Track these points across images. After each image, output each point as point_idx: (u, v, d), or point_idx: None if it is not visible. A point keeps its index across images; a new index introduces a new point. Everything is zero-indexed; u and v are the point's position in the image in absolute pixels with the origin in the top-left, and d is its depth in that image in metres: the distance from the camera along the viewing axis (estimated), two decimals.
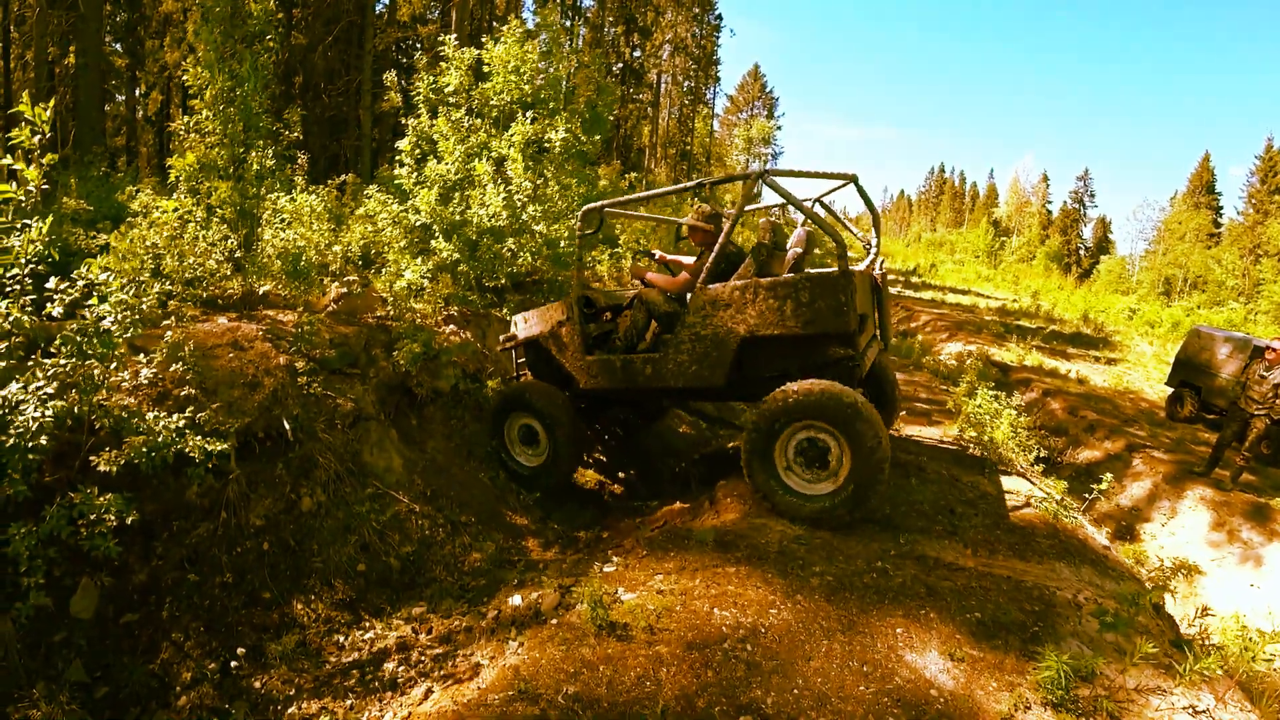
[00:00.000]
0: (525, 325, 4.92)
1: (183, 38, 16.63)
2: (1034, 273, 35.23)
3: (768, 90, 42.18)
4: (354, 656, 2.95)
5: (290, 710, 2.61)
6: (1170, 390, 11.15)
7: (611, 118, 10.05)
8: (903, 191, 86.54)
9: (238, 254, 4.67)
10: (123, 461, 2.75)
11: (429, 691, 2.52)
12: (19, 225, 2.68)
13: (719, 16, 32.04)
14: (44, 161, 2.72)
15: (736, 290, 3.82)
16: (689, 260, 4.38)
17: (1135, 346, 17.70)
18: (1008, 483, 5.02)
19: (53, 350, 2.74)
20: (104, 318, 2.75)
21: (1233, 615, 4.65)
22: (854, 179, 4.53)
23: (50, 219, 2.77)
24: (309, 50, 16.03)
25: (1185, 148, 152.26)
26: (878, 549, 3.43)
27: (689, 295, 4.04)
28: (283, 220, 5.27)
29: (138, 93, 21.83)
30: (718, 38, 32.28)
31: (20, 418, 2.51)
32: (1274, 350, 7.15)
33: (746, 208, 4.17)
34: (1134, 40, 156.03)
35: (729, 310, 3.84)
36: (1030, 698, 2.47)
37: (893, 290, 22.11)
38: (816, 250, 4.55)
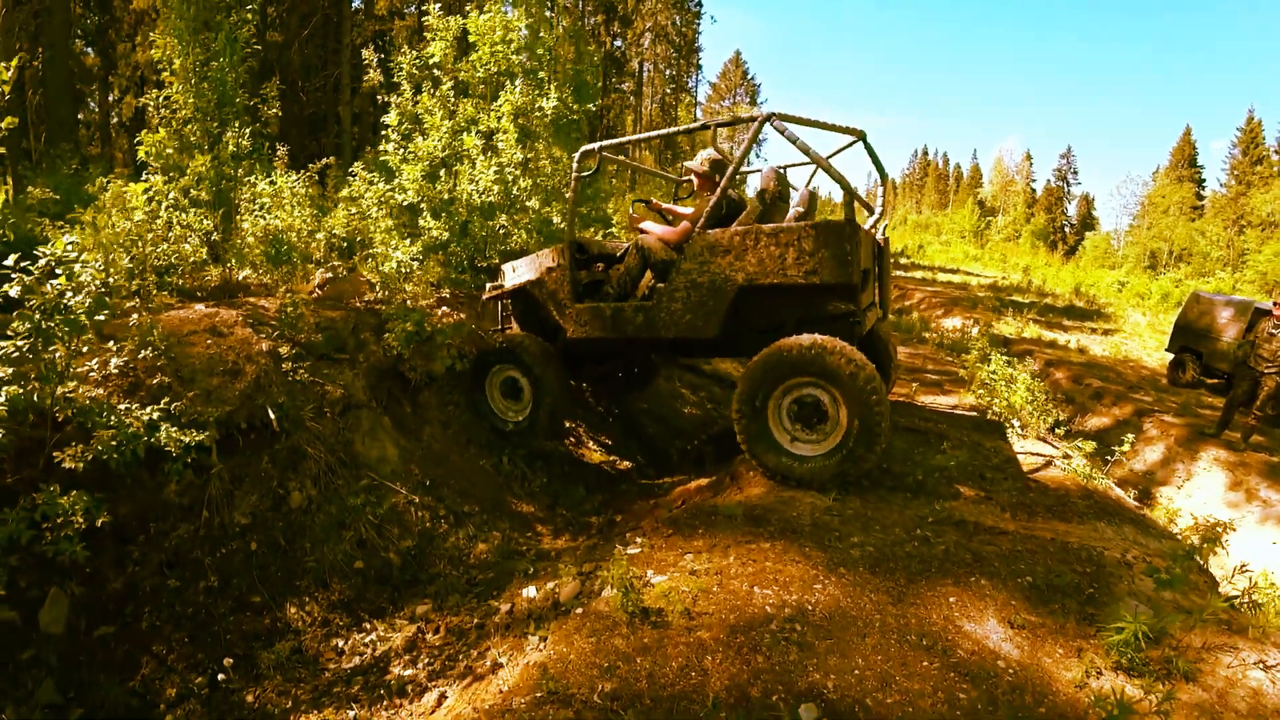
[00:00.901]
0: (514, 274, 4.69)
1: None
2: (1020, 251, 35.35)
3: (749, 77, 41.94)
4: (356, 662, 2.70)
5: None
6: (1171, 356, 11.08)
7: (598, 85, 9.73)
8: (886, 175, 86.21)
9: (214, 237, 4.35)
10: (90, 457, 2.48)
11: (443, 696, 2.27)
12: None
13: (699, 3, 31.66)
14: (2, 125, 2.45)
15: (737, 236, 3.59)
16: (687, 211, 4.15)
17: (1128, 317, 17.74)
18: (1029, 447, 4.89)
19: (9, 333, 2.45)
20: (65, 292, 2.46)
21: (1261, 573, 4.53)
22: (862, 135, 4.39)
23: (8, 189, 2.49)
24: (284, 47, 15.57)
25: (1166, 123, 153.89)
26: (914, 516, 3.23)
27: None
28: (262, 206, 4.95)
29: (110, 98, 21.19)
30: (698, 25, 31.94)
31: None
32: None
33: (744, 169, 3.94)
34: (1113, 17, 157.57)
35: (728, 257, 3.60)
36: (1100, 662, 2.28)
37: None
38: None
